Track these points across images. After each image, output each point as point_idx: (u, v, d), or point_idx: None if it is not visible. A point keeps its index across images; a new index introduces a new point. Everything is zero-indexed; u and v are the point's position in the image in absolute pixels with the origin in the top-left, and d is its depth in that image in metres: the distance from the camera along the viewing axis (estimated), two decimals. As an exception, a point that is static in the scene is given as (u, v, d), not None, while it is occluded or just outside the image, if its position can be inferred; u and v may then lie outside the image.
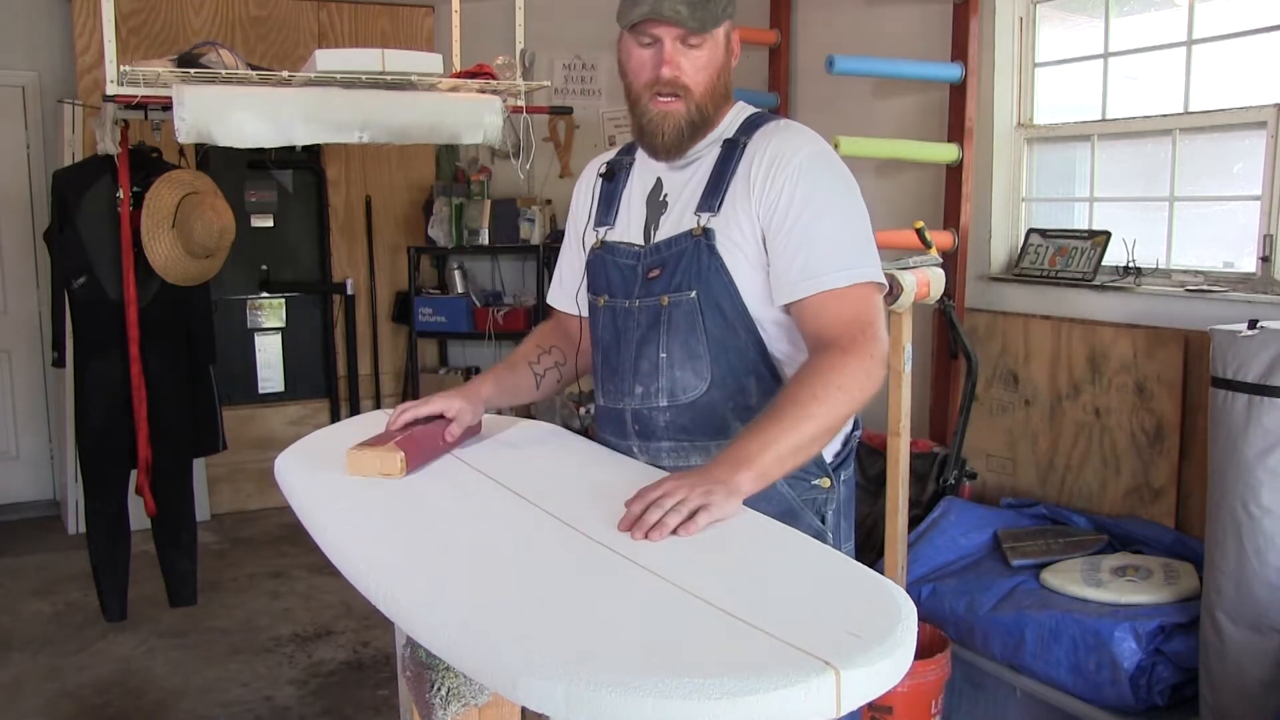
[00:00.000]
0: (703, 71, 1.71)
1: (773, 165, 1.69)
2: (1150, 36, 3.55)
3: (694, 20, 1.66)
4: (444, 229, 5.68)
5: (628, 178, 1.89)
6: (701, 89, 1.72)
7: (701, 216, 1.73)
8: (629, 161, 1.90)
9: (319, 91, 3.17)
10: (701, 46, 1.70)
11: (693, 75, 1.71)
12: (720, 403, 1.74)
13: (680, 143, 1.75)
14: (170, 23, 5.37)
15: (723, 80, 1.75)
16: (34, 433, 5.64)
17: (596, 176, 1.94)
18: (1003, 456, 3.80)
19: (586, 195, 1.96)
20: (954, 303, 3.74)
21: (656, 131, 1.74)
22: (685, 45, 1.69)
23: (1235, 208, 3.33)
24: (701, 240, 1.72)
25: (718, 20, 1.69)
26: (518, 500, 1.58)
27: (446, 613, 1.20)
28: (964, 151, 3.91)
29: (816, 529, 1.76)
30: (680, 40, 1.69)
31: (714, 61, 1.72)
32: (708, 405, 1.74)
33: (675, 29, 1.67)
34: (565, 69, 5.84)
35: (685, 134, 1.74)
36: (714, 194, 1.73)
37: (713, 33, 1.70)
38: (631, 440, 1.83)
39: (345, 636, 3.95)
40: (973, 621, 3.05)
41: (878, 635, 1.09)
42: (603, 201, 1.91)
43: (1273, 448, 2.49)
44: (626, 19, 1.69)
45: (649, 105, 1.73)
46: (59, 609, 4.23)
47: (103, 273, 3.78)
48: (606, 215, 1.89)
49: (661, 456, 1.79)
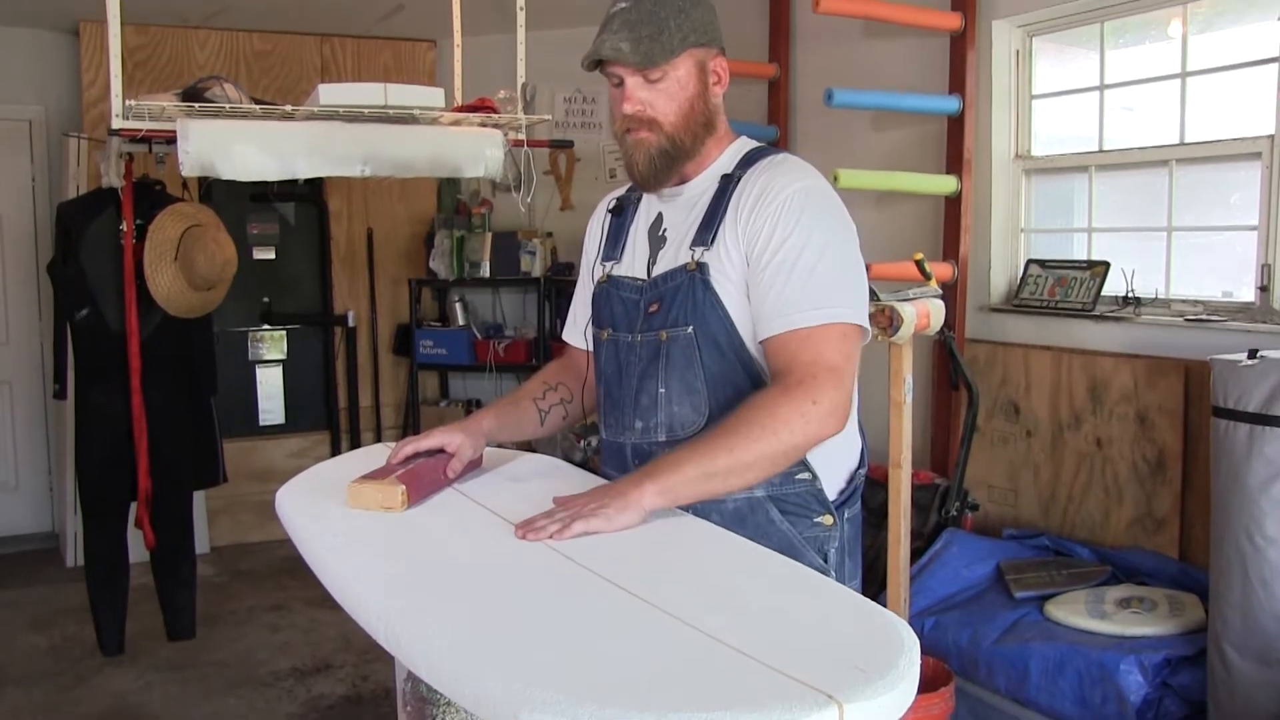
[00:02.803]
0: (670, 103, 1.71)
1: (759, 199, 1.68)
2: (1145, 69, 3.58)
3: (636, 56, 1.67)
4: (445, 261, 5.70)
5: (635, 213, 1.90)
6: (671, 120, 1.72)
7: (696, 251, 1.73)
8: (636, 197, 1.91)
9: (322, 125, 3.19)
10: (665, 79, 1.70)
11: (660, 108, 1.71)
12: None
13: (655, 172, 1.75)
14: (175, 57, 5.42)
15: (698, 109, 1.74)
16: (33, 464, 5.63)
17: (606, 212, 1.96)
18: (1004, 488, 3.79)
19: (597, 230, 1.97)
20: (954, 334, 3.74)
21: (632, 163, 1.76)
22: (647, 80, 1.70)
23: (1233, 237, 3.34)
24: (696, 275, 1.71)
25: (671, 51, 1.68)
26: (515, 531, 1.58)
27: (447, 647, 1.20)
28: (963, 183, 3.93)
29: (819, 567, 1.73)
30: (642, 75, 1.70)
31: (682, 92, 1.72)
32: None
33: (622, 67, 1.70)
34: (566, 102, 5.88)
35: (658, 164, 1.74)
36: (708, 228, 1.73)
37: (671, 63, 1.69)
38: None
39: (345, 670, 3.93)
40: (976, 654, 3.03)
41: (881, 668, 1.08)
42: (611, 236, 1.92)
43: (1276, 477, 2.48)
44: (583, 64, 1.74)
45: (624, 139, 1.75)
46: (55, 642, 4.21)
47: (105, 304, 3.79)
48: (614, 250, 1.90)
49: None
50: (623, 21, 1.69)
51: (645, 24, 1.68)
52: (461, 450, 1.86)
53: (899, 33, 4.19)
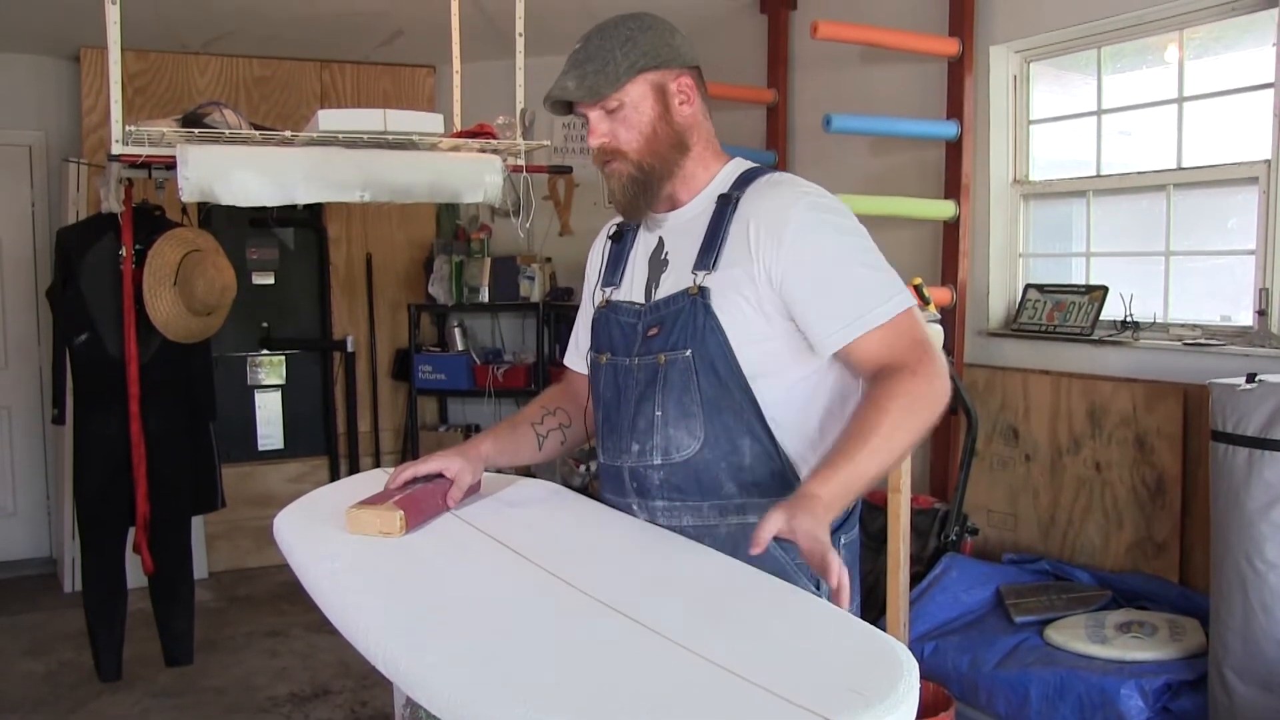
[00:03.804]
0: (630, 130, 1.74)
1: (776, 224, 1.68)
2: (1142, 94, 3.60)
3: (581, 91, 1.72)
4: (444, 287, 5.71)
5: (634, 239, 1.91)
6: (634, 147, 1.74)
7: (698, 275, 1.73)
8: (636, 224, 1.92)
9: (321, 151, 3.20)
10: (621, 108, 1.73)
11: (621, 136, 1.74)
12: (712, 463, 1.72)
13: (631, 199, 1.78)
14: (175, 83, 5.44)
15: (662, 131, 1.75)
16: (32, 489, 5.62)
17: (606, 239, 1.97)
18: (1004, 512, 3.79)
19: (598, 257, 1.98)
20: (953, 358, 3.75)
21: (612, 195, 1.80)
22: (606, 112, 1.74)
23: (1231, 262, 3.35)
24: (698, 299, 1.72)
25: (617, 80, 1.71)
26: (516, 558, 1.57)
27: (446, 672, 1.19)
28: (961, 208, 3.94)
29: (812, 593, 1.73)
30: (600, 109, 1.74)
31: (640, 117, 1.74)
32: (700, 465, 1.73)
33: (581, 104, 1.74)
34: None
35: (633, 191, 1.77)
36: (709, 251, 1.74)
37: (622, 90, 1.72)
38: (630, 498, 1.82)
39: (343, 696, 3.90)
40: (976, 679, 3.02)
41: (880, 692, 1.08)
42: (610, 262, 1.93)
43: (1275, 501, 2.48)
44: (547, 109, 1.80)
45: (603, 174, 1.80)
46: (52, 668, 4.19)
47: (104, 329, 3.79)
48: (613, 276, 1.91)
49: (657, 515, 1.78)
50: (572, 62, 1.74)
51: (591, 60, 1.72)
52: (460, 476, 1.86)
53: (897, 58, 4.22)
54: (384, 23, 5.11)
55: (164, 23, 4.88)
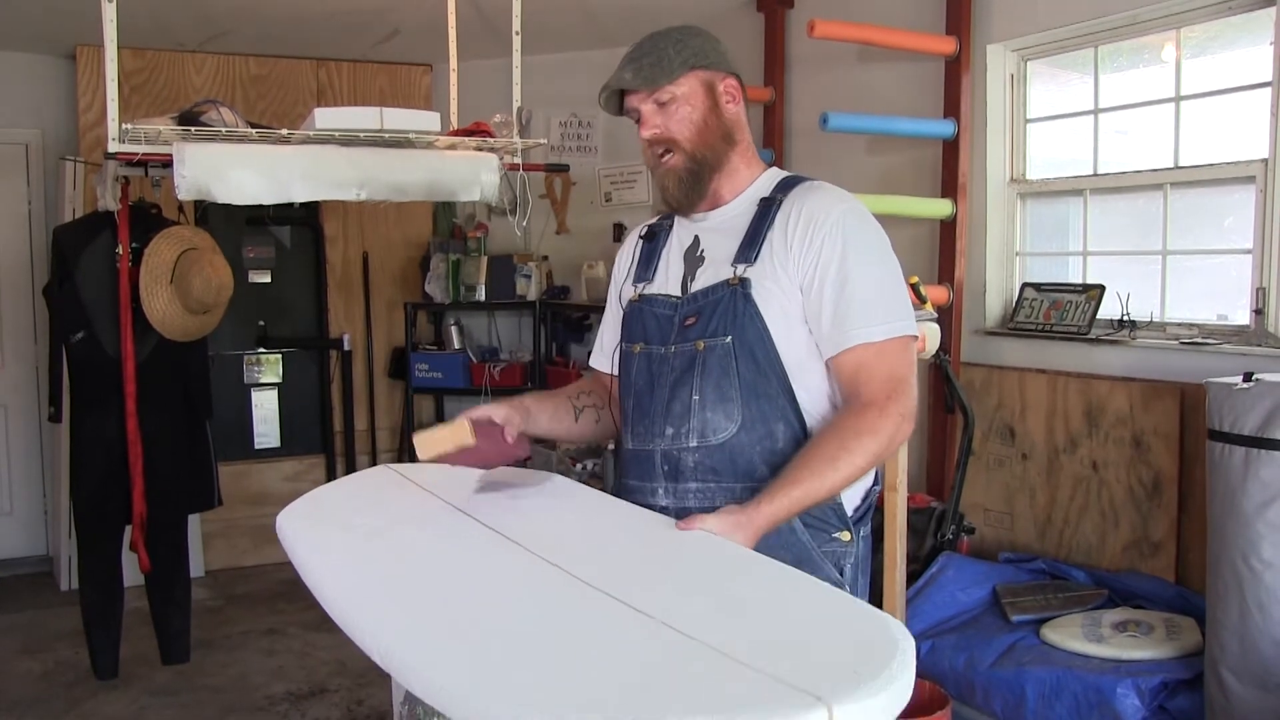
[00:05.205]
0: (684, 122, 1.82)
1: (810, 224, 1.76)
2: (1139, 93, 3.60)
3: (638, 80, 1.80)
4: (441, 285, 5.70)
5: (668, 237, 1.97)
6: (688, 138, 1.82)
7: (738, 267, 1.80)
8: (668, 224, 1.99)
9: (317, 149, 3.20)
10: (675, 101, 1.82)
11: (674, 128, 1.82)
12: (748, 446, 1.77)
13: (686, 192, 1.85)
14: (171, 81, 5.44)
15: (713, 124, 1.84)
16: (28, 488, 5.61)
17: (638, 239, 2.03)
18: (1000, 511, 3.79)
19: (627, 257, 2.04)
20: (950, 357, 3.75)
21: (665, 190, 1.87)
22: (658, 105, 1.82)
23: (1227, 261, 3.35)
24: (738, 289, 1.78)
25: (673, 71, 1.80)
26: (515, 549, 1.58)
27: (446, 667, 1.20)
28: (958, 207, 3.94)
29: (835, 581, 1.77)
30: (653, 102, 1.82)
31: (694, 111, 1.82)
32: (736, 447, 1.77)
33: (636, 94, 1.82)
34: (562, 126, 5.90)
35: (688, 183, 1.84)
36: (750, 246, 1.80)
37: (676, 83, 1.81)
38: (659, 482, 1.85)
39: (340, 694, 3.90)
40: (973, 678, 3.02)
41: (872, 669, 1.06)
42: (642, 260, 1.99)
43: (1271, 500, 2.48)
44: (602, 106, 1.88)
45: (655, 167, 1.86)
46: (49, 667, 4.18)
47: (101, 328, 3.79)
48: (646, 272, 1.97)
49: (688, 498, 1.82)
50: (628, 59, 1.84)
51: (646, 55, 1.82)
52: (509, 418, 1.90)
53: (894, 57, 4.22)
54: (381, 21, 5.11)
55: (160, 21, 4.87)
